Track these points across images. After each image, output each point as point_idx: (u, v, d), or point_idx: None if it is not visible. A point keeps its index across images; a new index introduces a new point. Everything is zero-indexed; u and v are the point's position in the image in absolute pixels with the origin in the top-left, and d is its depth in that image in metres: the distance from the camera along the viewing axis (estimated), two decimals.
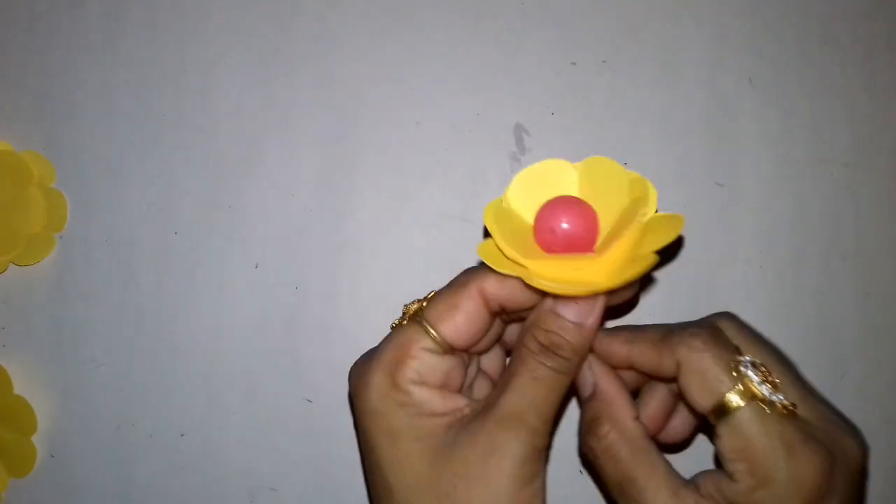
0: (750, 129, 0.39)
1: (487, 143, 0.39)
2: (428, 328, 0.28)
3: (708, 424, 0.27)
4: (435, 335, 0.27)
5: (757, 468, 0.25)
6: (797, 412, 0.26)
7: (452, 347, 0.28)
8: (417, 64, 0.39)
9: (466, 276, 0.29)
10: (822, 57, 0.39)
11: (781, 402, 0.26)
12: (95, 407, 0.40)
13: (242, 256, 0.39)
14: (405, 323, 0.29)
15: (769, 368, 0.27)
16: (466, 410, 0.27)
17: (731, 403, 0.25)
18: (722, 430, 0.26)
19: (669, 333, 0.28)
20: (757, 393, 0.26)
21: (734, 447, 0.25)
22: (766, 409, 0.25)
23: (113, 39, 0.41)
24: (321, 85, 0.40)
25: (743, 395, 0.25)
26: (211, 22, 0.40)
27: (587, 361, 0.29)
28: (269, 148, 0.40)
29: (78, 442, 0.40)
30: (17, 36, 0.41)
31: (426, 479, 0.26)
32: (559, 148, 0.39)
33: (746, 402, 0.25)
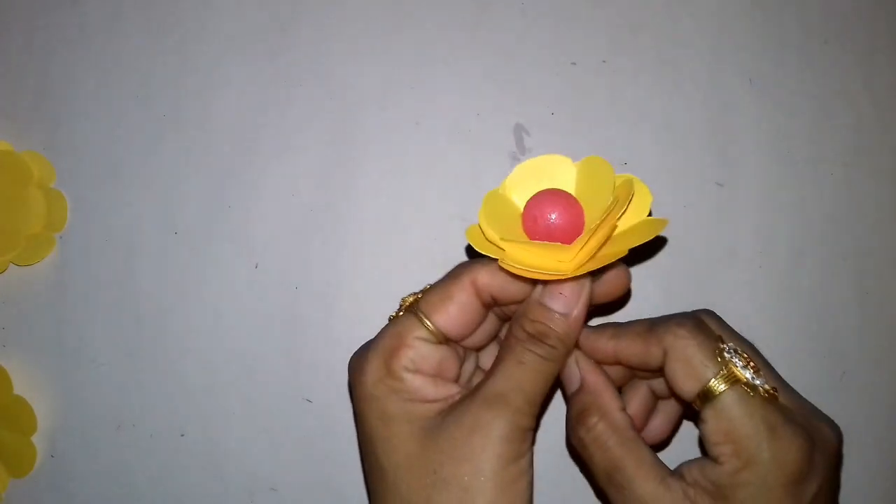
0: (750, 129, 0.39)
1: (487, 143, 0.39)
2: (423, 318, 0.29)
3: (689, 417, 0.27)
4: (429, 325, 0.28)
5: (741, 450, 0.26)
6: (778, 397, 0.27)
7: (447, 337, 0.29)
8: (417, 64, 0.39)
9: (460, 268, 0.30)
10: (822, 57, 0.39)
11: (764, 386, 0.27)
12: (95, 407, 0.40)
13: (242, 256, 0.39)
14: (401, 314, 0.30)
15: (749, 357, 0.28)
16: (457, 397, 0.28)
17: (716, 388, 0.26)
18: (707, 414, 0.26)
19: (655, 325, 0.29)
20: (741, 377, 0.27)
21: (719, 430, 0.26)
22: (749, 392, 0.26)
23: (113, 39, 0.41)
24: (321, 85, 0.40)
25: (727, 379, 0.26)
26: (211, 23, 0.40)
27: (574, 357, 0.30)
28: (269, 148, 0.40)
29: (78, 442, 0.40)
30: (17, 36, 0.41)
31: (415, 458, 0.27)
32: (559, 148, 0.39)
33: (730, 385, 0.26)
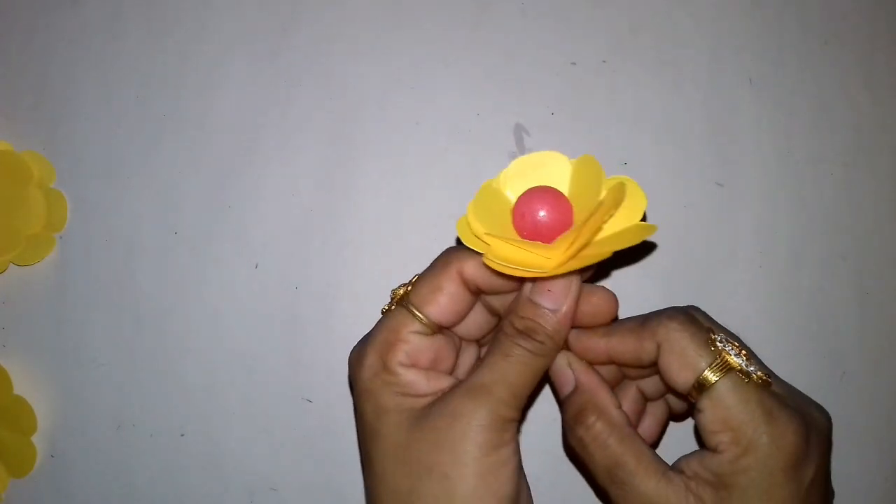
0: (750, 129, 0.39)
1: (487, 143, 0.39)
2: (415, 312, 0.29)
3: (675, 419, 0.28)
4: (422, 318, 0.29)
5: (740, 436, 0.26)
6: (771, 384, 0.28)
7: (440, 327, 0.29)
8: (417, 64, 0.39)
9: (447, 255, 0.30)
10: (822, 57, 0.39)
11: (757, 373, 0.27)
12: (95, 407, 0.40)
13: (242, 256, 0.39)
14: (393, 308, 0.30)
15: (741, 346, 0.28)
16: (448, 390, 0.29)
17: (711, 377, 0.27)
18: (704, 403, 0.27)
19: (646, 320, 0.29)
20: (735, 364, 0.27)
21: (717, 418, 0.26)
22: (744, 379, 0.27)
23: (113, 39, 0.41)
24: (321, 85, 0.40)
25: (721, 367, 0.27)
26: (211, 22, 0.40)
27: (566, 359, 0.30)
28: (269, 148, 0.40)
29: (78, 442, 0.40)
30: (17, 36, 0.41)
31: (402, 448, 0.27)
32: (559, 148, 0.39)
33: (725, 374, 0.27)
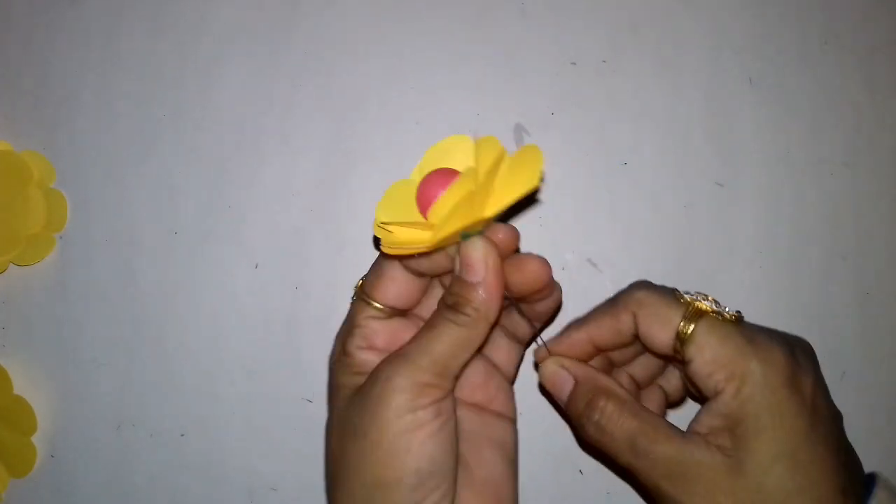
0: (750, 129, 0.39)
1: None
2: (366, 299, 0.31)
3: (677, 403, 0.32)
4: (373, 304, 0.31)
5: (733, 369, 0.27)
6: (743, 318, 0.30)
7: (397, 310, 0.31)
8: (417, 64, 0.39)
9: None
10: (822, 57, 0.39)
11: (728, 312, 0.29)
12: (95, 407, 0.40)
13: (242, 256, 0.39)
14: (353, 298, 0.32)
15: (705, 294, 0.30)
16: None
17: (688, 326, 0.28)
18: (690, 352, 0.28)
19: (615, 298, 0.31)
20: (706, 308, 0.29)
21: (706, 361, 0.28)
22: (719, 318, 0.29)
23: (113, 39, 0.41)
24: (321, 85, 0.40)
25: (695, 315, 0.29)
26: (211, 22, 0.40)
27: (557, 363, 0.32)
28: (269, 148, 0.40)
29: (78, 442, 0.40)
30: (17, 36, 0.41)
31: (341, 417, 0.29)
32: (559, 148, 0.39)
33: (700, 318, 0.29)
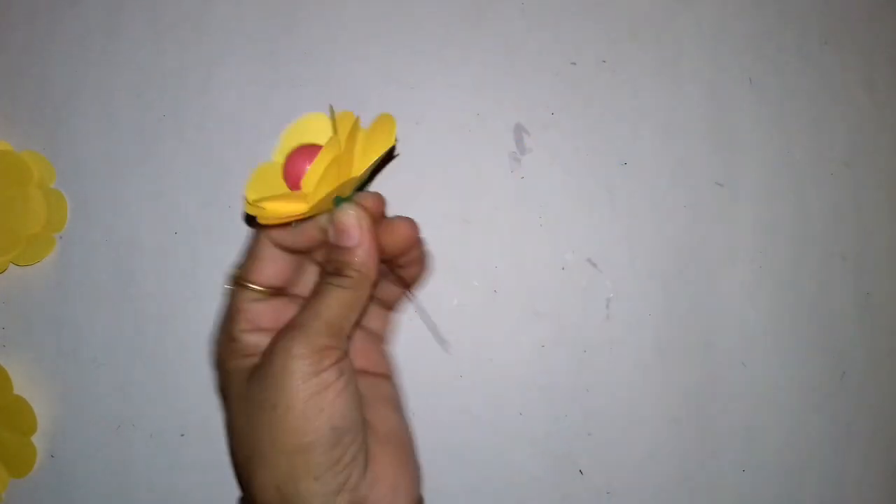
0: (750, 129, 0.39)
1: (487, 143, 0.39)
2: (245, 283, 0.32)
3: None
4: (251, 286, 0.32)
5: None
6: None
7: (277, 289, 0.32)
8: (417, 64, 0.39)
9: (258, 228, 0.32)
10: (822, 57, 0.39)
11: None
12: (95, 407, 0.40)
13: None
14: (228, 286, 0.33)
15: None
16: None
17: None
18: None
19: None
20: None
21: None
22: None
23: (113, 39, 0.41)
24: (321, 85, 0.40)
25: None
26: (211, 22, 0.40)
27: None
28: (269, 148, 0.40)
29: (78, 442, 0.40)
30: (17, 36, 0.41)
31: (242, 396, 0.30)
32: (559, 148, 0.39)
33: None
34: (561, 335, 0.38)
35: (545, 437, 0.38)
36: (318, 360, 0.29)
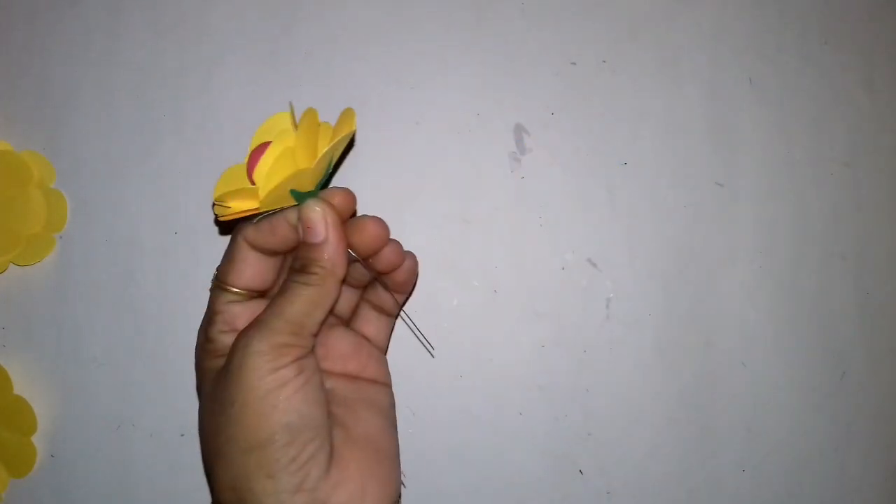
0: (750, 129, 0.39)
1: (487, 143, 0.39)
2: (223, 286, 0.32)
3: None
4: (229, 288, 0.32)
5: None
6: None
7: (256, 291, 0.32)
8: (417, 64, 0.39)
9: (236, 229, 0.32)
10: (822, 57, 0.39)
11: None
12: (95, 407, 0.40)
13: None
14: (210, 288, 0.33)
15: None
16: None
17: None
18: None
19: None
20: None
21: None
22: None
23: (113, 39, 0.41)
24: (321, 85, 0.40)
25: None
26: (211, 22, 0.40)
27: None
28: None
29: (78, 442, 0.40)
30: (17, 36, 0.41)
31: (210, 395, 0.30)
32: (559, 148, 0.39)
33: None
34: (561, 335, 0.38)
35: (545, 437, 0.38)
36: (276, 356, 0.29)
